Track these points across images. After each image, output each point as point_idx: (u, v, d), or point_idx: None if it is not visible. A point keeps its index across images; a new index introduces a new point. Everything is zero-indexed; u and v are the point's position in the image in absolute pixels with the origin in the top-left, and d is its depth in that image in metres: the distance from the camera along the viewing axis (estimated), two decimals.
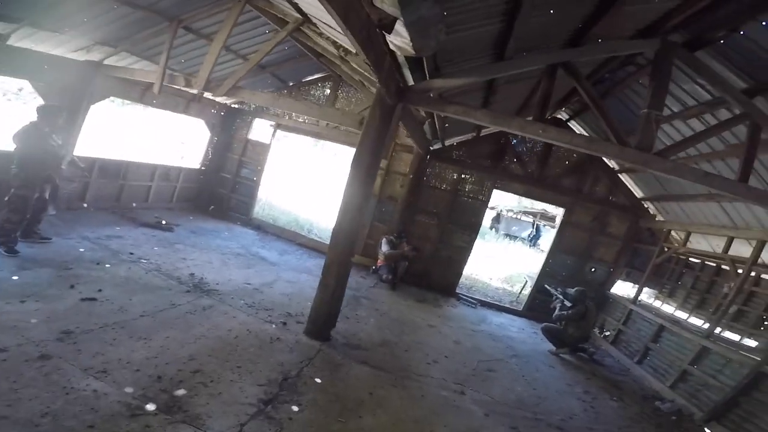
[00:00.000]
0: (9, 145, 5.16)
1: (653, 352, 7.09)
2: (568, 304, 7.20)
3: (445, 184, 9.32)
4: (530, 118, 4.74)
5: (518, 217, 25.36)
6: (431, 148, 8.98)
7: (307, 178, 18.23)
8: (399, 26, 3.17)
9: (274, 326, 4.88)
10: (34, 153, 5.09)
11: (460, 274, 9.39)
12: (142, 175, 8.83)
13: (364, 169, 4.72)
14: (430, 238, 9.28)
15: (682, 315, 7.85)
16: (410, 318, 6.78)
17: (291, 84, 9.96)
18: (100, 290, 4.55)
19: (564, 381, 5.92)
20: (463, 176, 9.27)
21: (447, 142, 8.86)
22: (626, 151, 4.47)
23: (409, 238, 8.82)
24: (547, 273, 9.21)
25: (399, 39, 3.41)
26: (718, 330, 6.43)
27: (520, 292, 10.70)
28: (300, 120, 9.89)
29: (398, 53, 3.78)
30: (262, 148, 10.25)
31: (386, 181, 9.33)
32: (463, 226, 9.27)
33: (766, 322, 6.31)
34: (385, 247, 8.36)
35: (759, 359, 5.14)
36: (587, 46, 4.68)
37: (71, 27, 5.87)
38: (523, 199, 15.00)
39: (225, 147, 10.44)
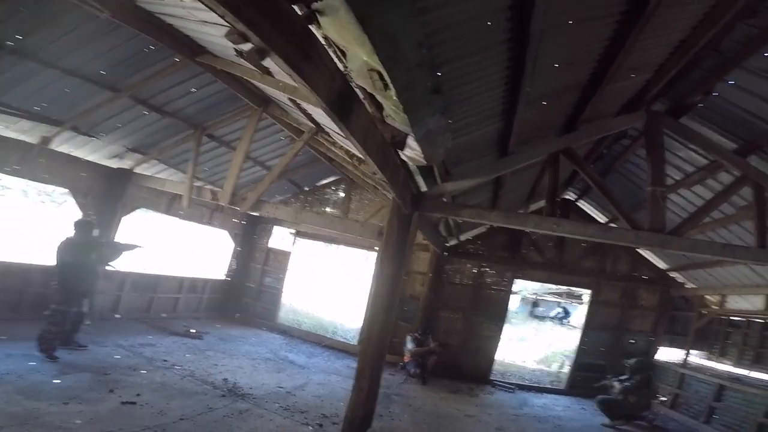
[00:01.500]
0: (50, 260, 5.50)
1: (720, 410, 6.90)
2: (623, 376, 7.06)
3: (465, 279, 9.43)
4: (541, 205, 4.93)
5: (543, 298, 25.22)
6: (447, 245, 9.15)
7: (328, 281, 18.36)
8: (410, 140, 3.53)
9: (311, 428, 4.79)
10: (72, 269, 5.39)
11: (492, 361, 9.15)
12: (171, 287, 9.15)
13: (389, 280, 4.79)
14: (457, 331, 9.17)
15: (740, 371, 7.63)
16: (446, 410, 6.57)
17: (306, 189, 10.45)
18: (138, 395, 4.65)
19: None
20: (482, 270, 9.38)
21: (462, 237, 9.07)
22: (641, 235, 4.52)
23: (435, 333, 8.69)
24: (584, 351, 9.05)
25: (410, 151, 3.76)
26: None
27: (560, 371, 10.47)
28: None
29: (410, 163, 4.13)
30: (284, 256, 10.59)
31: (407, 282, 9.24)
32: (488, 317, 9.22)
33: None
34: (410, 345, 8.25)
35: None
36: (581, 130, 4.95)
37: (106, 132, 6.41)
38: None
39: (248, 256, 10.80)
